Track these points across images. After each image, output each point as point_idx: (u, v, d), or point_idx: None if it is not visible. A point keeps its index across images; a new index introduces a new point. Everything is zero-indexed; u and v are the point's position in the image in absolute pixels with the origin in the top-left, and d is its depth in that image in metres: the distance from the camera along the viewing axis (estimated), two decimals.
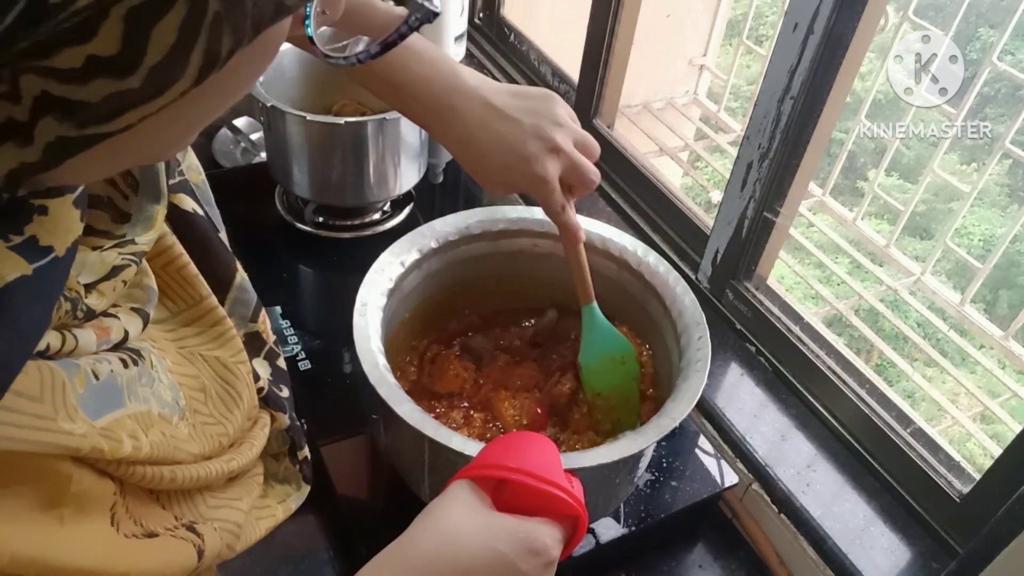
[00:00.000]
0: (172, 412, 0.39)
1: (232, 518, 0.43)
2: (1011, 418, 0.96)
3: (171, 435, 0.38)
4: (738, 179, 0.90)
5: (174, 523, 0.39)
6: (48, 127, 0.23)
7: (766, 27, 2.98)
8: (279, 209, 1.09)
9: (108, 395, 0.34)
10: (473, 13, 1.44)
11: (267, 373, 0.51)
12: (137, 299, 0.38)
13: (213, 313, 0.45)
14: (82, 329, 0.33)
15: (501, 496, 0.45)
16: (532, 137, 0.61)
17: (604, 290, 0.82)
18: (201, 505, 0.42)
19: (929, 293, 1.04)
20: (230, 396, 0.45)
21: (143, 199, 0.39)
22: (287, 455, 0.54)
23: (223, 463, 0.42)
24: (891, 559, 0.75)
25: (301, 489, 0.55)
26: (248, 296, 0.50)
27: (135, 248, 0.37)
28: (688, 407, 0.63)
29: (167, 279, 0.43)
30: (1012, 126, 0.86)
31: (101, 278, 0.35)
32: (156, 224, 0.39)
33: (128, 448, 0.33)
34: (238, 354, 0.46)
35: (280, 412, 0.51)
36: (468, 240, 0.80)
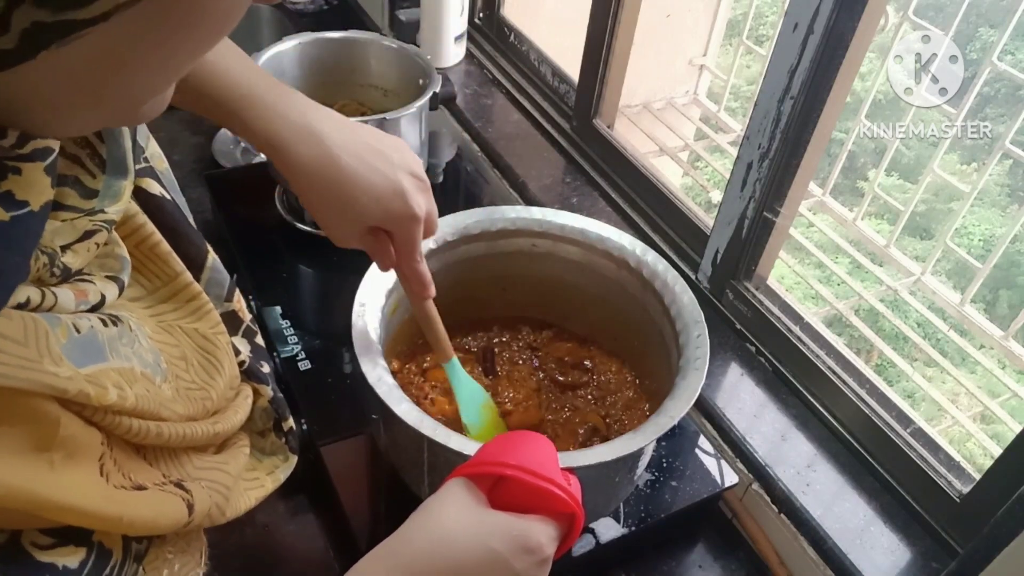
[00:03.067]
0: (154, 373, 0.39)
1: (219, 479, 0.44)
2: (1011, 418, 0.96)
3: (154, 393, 0.38)
4: (738, 179, 0.90)
5: (162, 479, 0.40)
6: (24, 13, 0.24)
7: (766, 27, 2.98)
8: (279, 209, 1.09)
9: (90, 348, 0.34)
10: (473, 13, 1.44)
11: (247, 349, 0.52)
12: (111, 268, 0.39)
13: (188, 288, 0.46)
14: (60, 288, 0.34)
15: (497, 494, 0.46)
16: (403, 172, 0.58)
17: (603, 289, 0.82)
18: (188, 465, 0.43)
19: (929, 293, 1.04)
20: (211, 364, 0.46)
21: (110, 176, 0.40)
22: (272, 430, 0.54)
23: (208, 424, 0.43)
24: (891, 559, 0.75)
25: (288, 460, 0.55)
26: (221, 276, 0.50)
27: (104, 216, 0.38)
28: (687, 405, 0.64)
29: (141, 257, 0.44)
30: (1012, 126, 0.86)
31: (74, 240, 0.36)
32: (123, 197, 0.40)
33: (113, 396, 0.34)
34: (216, 325, 0.47)
35: (263, 384, 0.52)
36: (467, 240, 0.80)
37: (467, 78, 1.39)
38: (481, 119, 1.29)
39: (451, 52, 1.39)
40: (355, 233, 0.59)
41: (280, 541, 0.79)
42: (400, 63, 1.10)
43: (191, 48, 0.30)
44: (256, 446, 0.53)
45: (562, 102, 1.27)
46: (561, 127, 1.26)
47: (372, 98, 1.15)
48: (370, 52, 1.11)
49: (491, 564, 0.43)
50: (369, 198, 0.57)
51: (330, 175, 0.56)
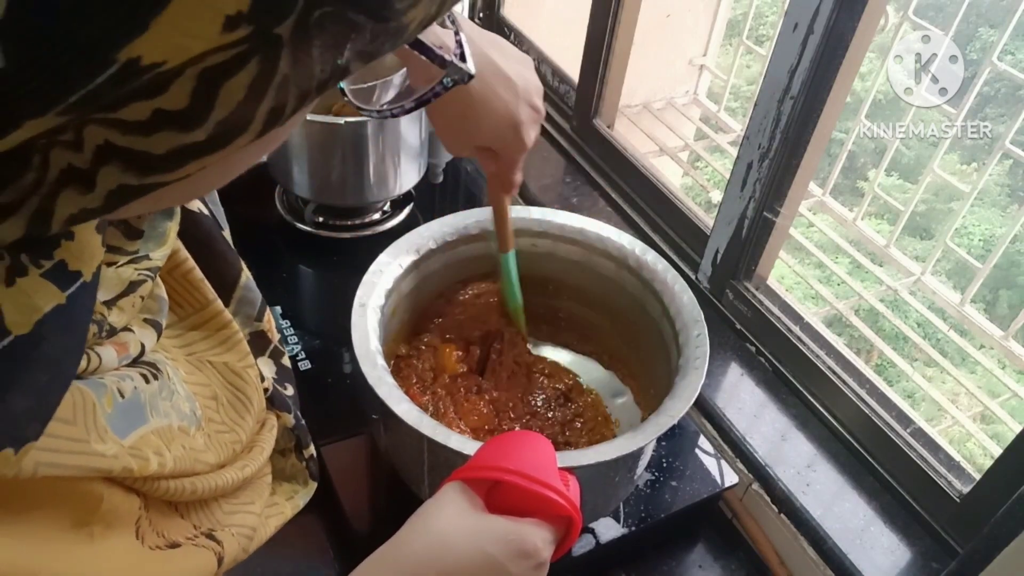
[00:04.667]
0: (190, 424, 0.39)
1: (247, 523, 0.44)
2: (1011, 418, 0.96)
3: (190, 447, 0.38)
4: (738, 179, 0.90)
5: (194, 532, 0.39)
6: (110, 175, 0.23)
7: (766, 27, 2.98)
8: (279, 209, 1.09)
9: (133, 412, 0.34)
10: (473, 13, 1.44)
11: (272, 372, 0.51)
12: (151, 310, 0.39)
13: (219, 317, 0.45)
14: (103, 346, 0.33)
15: (494, 497, 0.46)
16: (523, 103, 0.60)
17: (603, 289, 0.82)
18: (218, 512, 0.42)
19: (929, 293, 1.04)
20: (240, 402, 0.45)
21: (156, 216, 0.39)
22: (293, 451, 0.54)
23: (237, 470, 0.42)
24: (891, 559, 0.75)
25: (308, 486, 0.55)
26: (253, 295, 0.50)
27: (150, 263, 0.37)
28: (687, 405, 0.64)
29: (173, 284, 0.43)
30: (1012, 126, 0.86)
31: (120, 294, 0.35)
32: (169, 240, 0.39)
33: (155, 465, 0.34)
34: (245, 358, 0.46)
35: (285, 412, 0.51)
36: (466, 240, 0.80)
37: None
38: None
39: None
40: (467, 148, 0.63)
41: (280, 541, 0.79)
42: (400, 63, 1.10)
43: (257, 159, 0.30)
44: (276, 467, 0.53)
45: (562, 102, 1.27)
46: (561, 127, 1.26)
47: None
48: None
49: (488, 568, 0.43)
50: (488, 124, 0.60)
51: (460, 100, 0.58)
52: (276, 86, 0.22)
